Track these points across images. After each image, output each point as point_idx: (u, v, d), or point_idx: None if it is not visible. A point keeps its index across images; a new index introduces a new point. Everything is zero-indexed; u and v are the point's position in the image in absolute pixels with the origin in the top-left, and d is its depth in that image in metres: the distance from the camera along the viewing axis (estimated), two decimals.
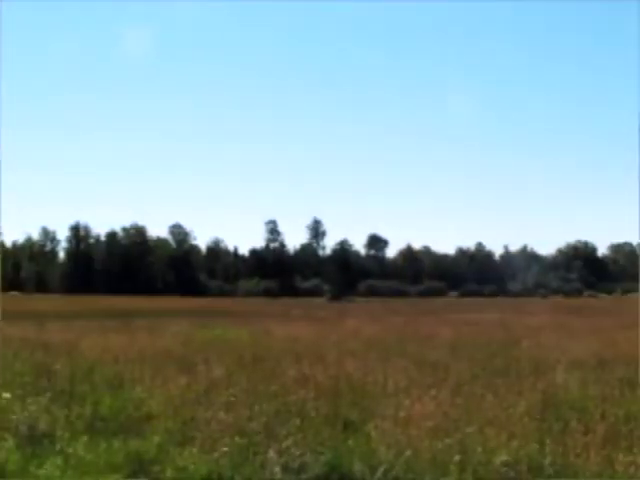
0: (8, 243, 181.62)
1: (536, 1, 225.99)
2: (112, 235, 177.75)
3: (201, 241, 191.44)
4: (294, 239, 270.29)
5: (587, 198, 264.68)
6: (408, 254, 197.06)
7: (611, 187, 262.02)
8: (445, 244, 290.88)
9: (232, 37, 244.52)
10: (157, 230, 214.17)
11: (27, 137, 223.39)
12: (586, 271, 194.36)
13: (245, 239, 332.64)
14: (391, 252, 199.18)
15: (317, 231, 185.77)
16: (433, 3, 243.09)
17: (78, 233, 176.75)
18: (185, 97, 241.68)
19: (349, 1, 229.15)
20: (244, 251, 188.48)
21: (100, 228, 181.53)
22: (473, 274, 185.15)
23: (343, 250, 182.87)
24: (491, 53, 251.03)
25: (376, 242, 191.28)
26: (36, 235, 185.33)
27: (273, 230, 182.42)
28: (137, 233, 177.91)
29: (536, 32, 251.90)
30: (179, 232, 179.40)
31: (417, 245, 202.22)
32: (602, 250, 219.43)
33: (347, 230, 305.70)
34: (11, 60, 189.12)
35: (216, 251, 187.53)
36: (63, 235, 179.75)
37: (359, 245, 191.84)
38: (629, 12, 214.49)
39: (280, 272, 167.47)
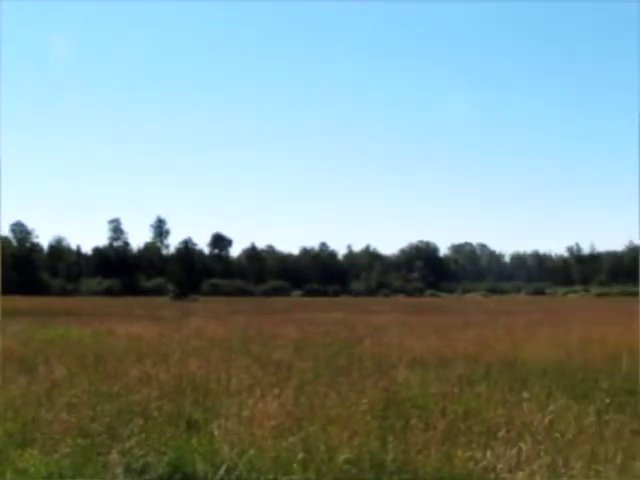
0: None
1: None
2: None
3: (43, 239, 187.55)
4: (138, 238, 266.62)
5: (428, 198, 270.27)
6: (252, 253, 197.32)
7: (452, 187, 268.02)
8: (289, 244, 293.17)
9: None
10: None
11: None
12: (427, 271, 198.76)
13: (88, 238, 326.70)
14: (235, 251, 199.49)
15: (161, 230, 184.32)
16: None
17: None
18: (27, 95, 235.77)
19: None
20: (87, 250, 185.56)
21: None
22: (316, 274, 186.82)
23: (187, 249, 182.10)
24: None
25: (220, 241, 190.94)
26: None
27: (116, 229, 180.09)
28: None
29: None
30: (20, 230, 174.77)
31: (261, 244, 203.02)
32: (443, 250, 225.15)
33: (191, 229, 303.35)
34: None
35: (58, 250, 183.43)
36: None
37: (203, 244, 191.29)
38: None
39: (123, 271, 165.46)
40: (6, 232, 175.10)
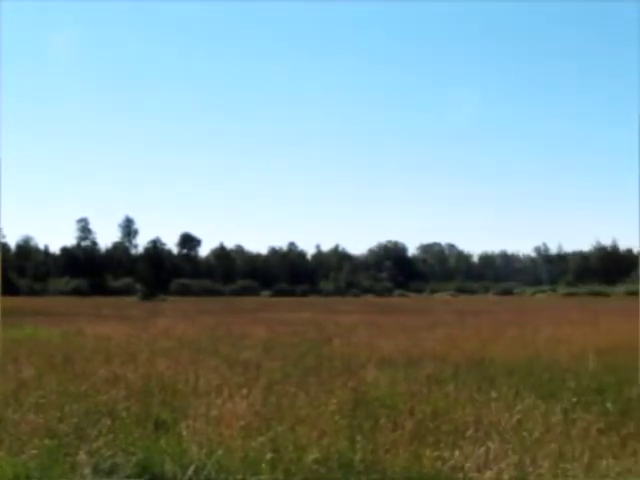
0: None
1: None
2: None
3: (10, 239, 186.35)
4: (106, 237, 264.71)
5: (397, 198, 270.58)
6: (221, 253, 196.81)
7: (420, 187, 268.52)
8: (258, 243, 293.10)
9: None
10: None
11: None
12: (396, 270, 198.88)
13: (56, 237, 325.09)
14: (204, 251, 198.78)
15: (129, 229, 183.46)
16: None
17: None
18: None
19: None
20: (55, 249, 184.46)
21: None
22: (285, 273, 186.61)
23: (155, 249, 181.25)
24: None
25: (189, 241, 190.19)
26: None
27: (84, 228, 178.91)
28: None
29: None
30: None
31: (230, 244, 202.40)
32: (412, 250, 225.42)
33: (159, 229, 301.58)
34: None
35: (26, 249, 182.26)
36: None
37: (171, 244, 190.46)
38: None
39: (91, 271, 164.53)
40: None
